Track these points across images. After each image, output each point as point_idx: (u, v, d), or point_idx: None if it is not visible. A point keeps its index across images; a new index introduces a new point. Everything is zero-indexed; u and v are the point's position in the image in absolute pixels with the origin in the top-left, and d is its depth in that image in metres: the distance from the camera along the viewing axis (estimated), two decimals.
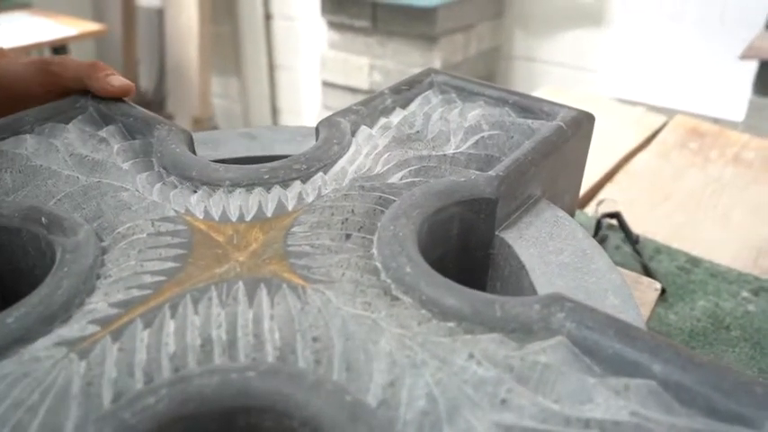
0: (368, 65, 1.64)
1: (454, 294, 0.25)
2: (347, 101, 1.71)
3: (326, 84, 1.75)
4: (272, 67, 2.37)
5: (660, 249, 0.57)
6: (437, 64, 1.51)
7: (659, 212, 0.65)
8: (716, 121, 1.33)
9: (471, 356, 0.22)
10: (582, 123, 0.38)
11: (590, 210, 0.63)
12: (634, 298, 0.28)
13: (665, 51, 1.49)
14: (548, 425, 0.20)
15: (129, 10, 2.28)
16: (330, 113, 0.37)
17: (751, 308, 0.50)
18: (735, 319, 0.48)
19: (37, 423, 0.20)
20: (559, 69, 1.66)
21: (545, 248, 0.31)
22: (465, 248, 0.33)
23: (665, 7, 1.45)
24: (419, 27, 1.50)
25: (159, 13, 2.34)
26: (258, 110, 2.42)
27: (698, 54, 1.45)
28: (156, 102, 2.23)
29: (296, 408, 0.20)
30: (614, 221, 0.59)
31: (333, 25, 1.68)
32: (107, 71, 0.39)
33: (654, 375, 0.21)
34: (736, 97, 1.39)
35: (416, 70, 0.41)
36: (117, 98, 0.39)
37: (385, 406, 0.21)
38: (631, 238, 0.56)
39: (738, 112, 1.34)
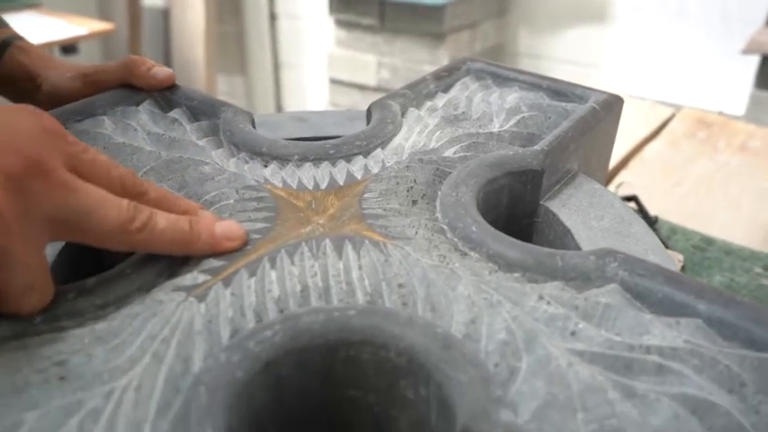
0: (375, 62, 1.67)
1: (518, 249, 0.28)
2: (354, 98, 1.75)
3: (334, 81, 1.78)
4: (276, 66, 2.40)
5: (676, 230, 0.60)
6: (444, 61, 1.54)
7: (672, 197, 0.69)
8: (718, 115, 1.37)
9: (541, 298, 0.25)
10: (613, 105, 0.41)
11: None
12: (671, 257, 0.32)
13: (667, 48, 1.53)
14: (614, 351, 0.23)
15: (134, 9, 2.30)
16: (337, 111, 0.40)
17: (764, 282, 0.53)
18: (750, 292, 0.52)
19: (171, 353, 0.23)
20: (564, 66, 1.70)
21: (587, 216, 0.34)
22: (512, 216, 0.36)
23: (667, 4, 1.48)
24: (426, 25, 1.54)
25: (165, 13, 2.36)
26: (263, 108, 2.45)
27: (700, 50, 1.48)
28: None
29: (392, 339, 0.23)
30: (632, 204, 0.62)
31: (340, 23, 1.71)
32: (147, 64, 0.41)
33: (699, 314, 0.24)
34: (737, 93, 1.43)
35: (424, 67, 0.43)
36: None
37: (468, 339, 0.24)
38: (649, 219, 0.59)
39: (740, 107, 1.38)
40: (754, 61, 1.24)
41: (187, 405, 0.20)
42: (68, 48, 1.81)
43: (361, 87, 1.71)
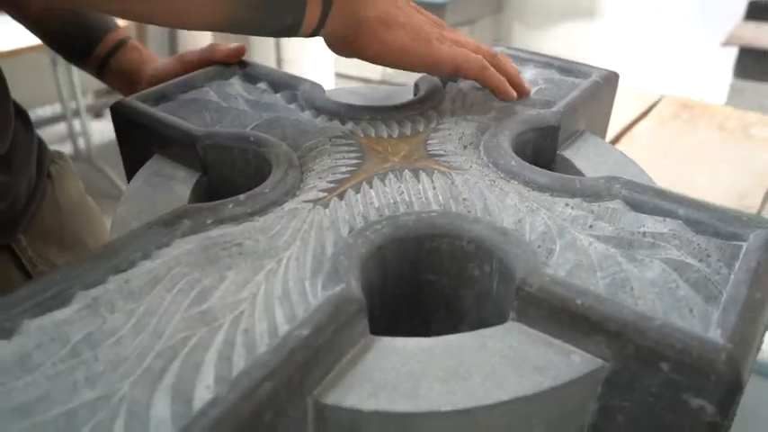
0: None
1: (547, 176, 0.37)
2: None
3: (340, 75, 1.88)
4: (279, 62, 2.49)
5: None
6: None
7: (659, 167, 0.79)
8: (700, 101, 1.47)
9: (566, 205, 0.35)
10: (611, 79, 0.51)
11: None
12: None
13: (652, 41, 1.64)
14: (620, 235, 0.33)
15: None
16: None
17: None
18: None
19: (312, 239, 0.32)
20: None
21: (594, 161, 0.44)
22: (535, 164, 0.45)
23: (652, 1, 1.59)
24: None
25: None
26: None
27: (682, 44, 1.59)
28: None
29: (464, 231, 0.33)
30: None
31: None
32: (221, 45, 0.52)
33: (680, 216, 0.34)
34: (718, 82, 1.54)
35: None
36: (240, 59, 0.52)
37: (517, 232, 0.33)
38: None
39: (721, 96, 1.49)
40: (733, 53, 1.35)
41: (334, 267, 0.30)
42: None
43: (367, 81, 1.80)
